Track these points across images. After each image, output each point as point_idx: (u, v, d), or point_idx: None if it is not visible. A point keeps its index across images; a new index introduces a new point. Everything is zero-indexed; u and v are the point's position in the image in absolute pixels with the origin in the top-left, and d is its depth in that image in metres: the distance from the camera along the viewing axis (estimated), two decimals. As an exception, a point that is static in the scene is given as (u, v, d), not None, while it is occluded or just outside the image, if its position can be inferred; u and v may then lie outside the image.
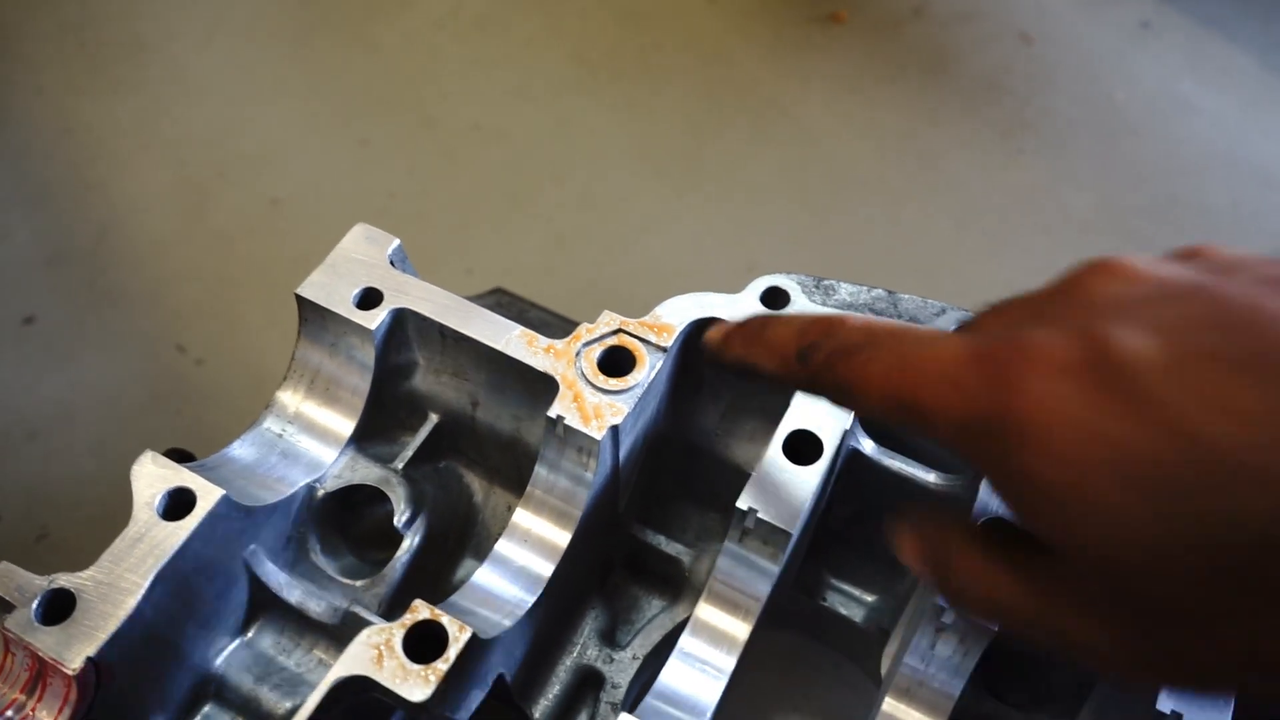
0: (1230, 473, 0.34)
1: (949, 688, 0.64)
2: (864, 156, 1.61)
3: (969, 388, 0.41)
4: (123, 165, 1.59)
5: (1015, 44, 1.75)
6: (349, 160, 1.61)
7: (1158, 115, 1.65)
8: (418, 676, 0.57)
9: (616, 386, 0.68)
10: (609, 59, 1.75)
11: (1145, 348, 0.37)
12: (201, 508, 0.63)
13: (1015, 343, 0.41)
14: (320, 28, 1.79)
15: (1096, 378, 0.37)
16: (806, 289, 0.76)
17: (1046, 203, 1.56)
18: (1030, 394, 0.39)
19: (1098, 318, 0.39)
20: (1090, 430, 0.37)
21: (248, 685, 0.71)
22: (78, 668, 0.57)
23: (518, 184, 1.58)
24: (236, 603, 0.71)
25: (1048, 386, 0.38)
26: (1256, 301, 0.37)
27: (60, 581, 0.60)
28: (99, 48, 1.75)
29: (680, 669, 0.68)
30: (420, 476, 0.78)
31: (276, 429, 0.76)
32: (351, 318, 0.72)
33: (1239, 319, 0.36)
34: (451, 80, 1.71)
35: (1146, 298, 0.39)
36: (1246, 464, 0.34)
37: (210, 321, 1.41)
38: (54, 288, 1.44)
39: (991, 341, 0.42)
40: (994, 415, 0.40)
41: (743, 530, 0.67)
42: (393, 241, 0.76)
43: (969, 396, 0.41)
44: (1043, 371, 0.39)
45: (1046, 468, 0.38)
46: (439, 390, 0.79)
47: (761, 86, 1.70)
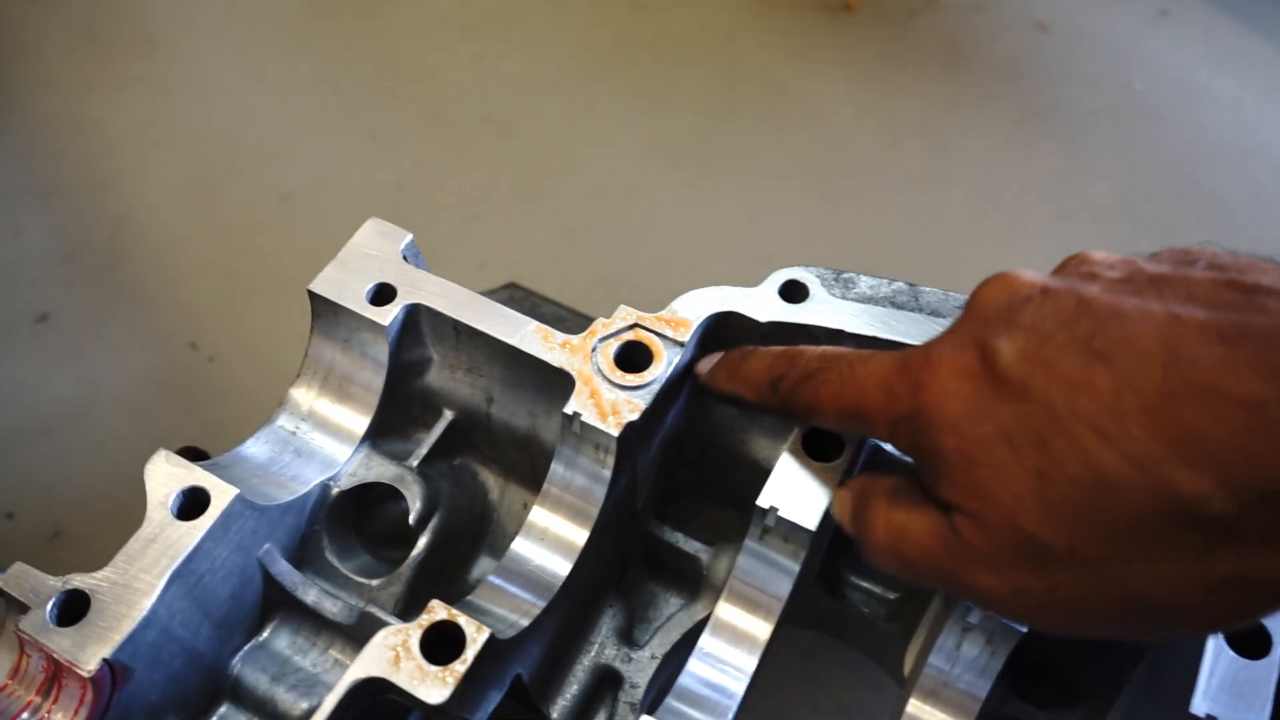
0: (1077, 431, 0.44)
1: (975, 689, 0.63)
2: (878, 145, 1.60)
3: (895, 391, 0.53)
4: (134, 161, 1.59)
5: (1031, 32, 1.73)
6: (359, 154, 1.60)
7: (1176, 103, 1.63)
8: (435, 678, 0.56)
9: (633, 382, 0.67)
10: (619, 49, 1.73)
11: (1013, 344, 0.47)
12: (216, 507, 0.62)
13: (926, 354, 0.52)
14: (329, 22, 1.79)
15: (979, 373, 0.49)
16: (826, 282, 0.74)
17: (1063, 190, 1.54)
18: (934, 390, 0.50)
19: (984, 326, 0.49)
20: (975, 409, 0.48)
21: (263, 685, 0.70)
22: (93, 669, 0.57)
23: (528, 176, 1.57)
24: (251, 603, 0.70)
25: (946, 384, 0.50)
26: (1106, 299, 0.46)
27: (75, 582, 0.59)
28: (110, 44, 1.74)
29: (701, 669, 0.67)
30: (435, 474, 0.78)
31: (290, 427, 0.75)
32: (364, 314, 0.71)
33: (1092, 315, 0.46)
34: (460, 72, 1.70)
35: (1025, 302, 0.49)
36: (1088, 423, 0.44)
37: (222, 317, 1.40)
38: (68, 284, 1.44)
39: (911, 354, 0.53)
40: (912, 410, 0.51)
41: (763, 528, 0.66)
42: (405, 236, 0.75)
43: (894, 398, 0.53)
44: (944, 373, 0.50)
45: (946, 439, 0.49)
46: (453, 386, 0.78)
47: (774, 75, 1.69)
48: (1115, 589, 0.45)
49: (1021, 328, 0.47)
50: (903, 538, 0.54)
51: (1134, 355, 0.43)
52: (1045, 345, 0.46)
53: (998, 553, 0.48)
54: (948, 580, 0.52)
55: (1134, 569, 0.44)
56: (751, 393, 0.64)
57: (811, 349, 0.61)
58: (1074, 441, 0.44)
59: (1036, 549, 0.46)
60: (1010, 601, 0.49)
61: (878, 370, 0.55)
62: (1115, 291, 0.47)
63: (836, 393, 0.57)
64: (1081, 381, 0.44)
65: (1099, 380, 0.44)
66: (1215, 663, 0.57)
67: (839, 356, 0.59)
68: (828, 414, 0.58)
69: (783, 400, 0.61)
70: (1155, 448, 0.42)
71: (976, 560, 0.49)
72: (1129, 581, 0.45)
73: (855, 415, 0.56)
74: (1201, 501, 0.41)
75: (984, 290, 0.51)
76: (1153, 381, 0.42)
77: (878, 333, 0.70)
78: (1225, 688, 0.56)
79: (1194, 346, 0.42)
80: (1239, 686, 0.56)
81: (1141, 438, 0.42)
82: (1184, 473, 0.41)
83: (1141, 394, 0.42)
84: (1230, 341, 0.41)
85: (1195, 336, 0.42)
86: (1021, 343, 0.47)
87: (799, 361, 0.61)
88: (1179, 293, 0.45)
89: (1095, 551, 0.45)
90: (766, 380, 0.62)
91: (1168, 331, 0.43)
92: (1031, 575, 0.47)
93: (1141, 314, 0.44)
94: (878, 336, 0.70)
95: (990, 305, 0.50)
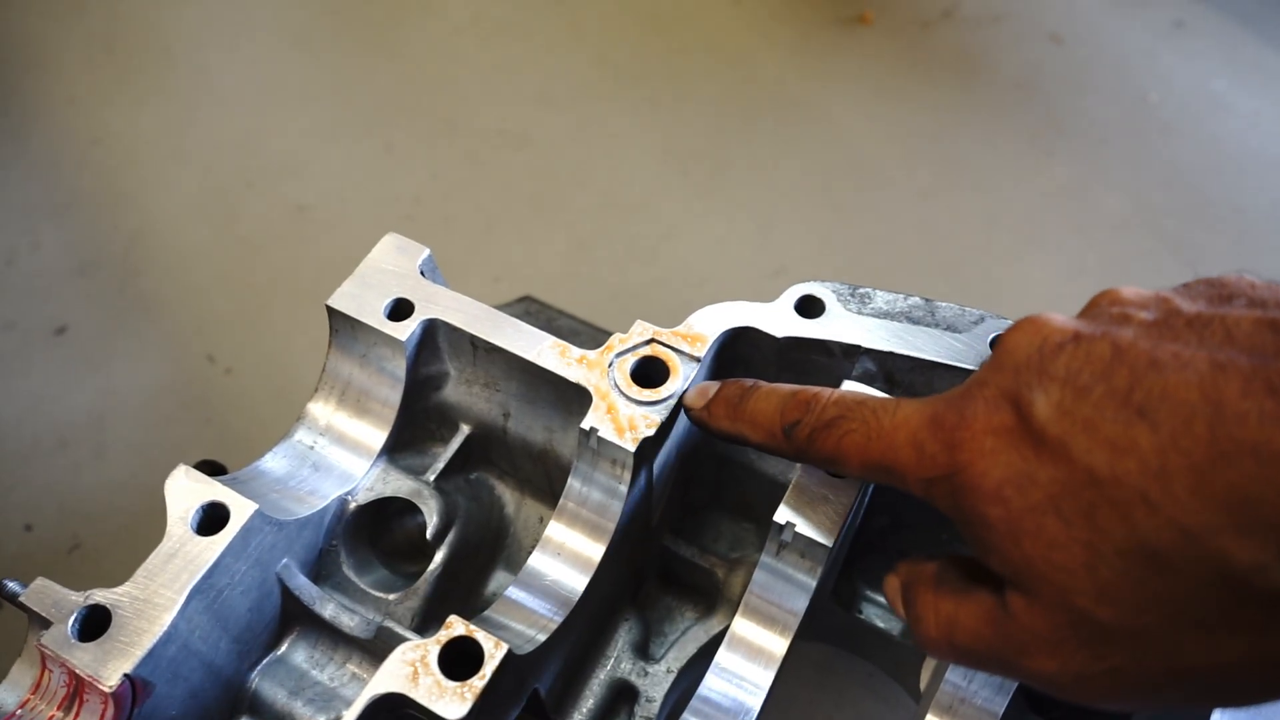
0: (1124, 498, 0.41)
1: (992, 705, 0.63)
2: (892, 158, 1.60)
3: (928, 451, 0.50)
4: (152, 174, 1.60)
5: (1045, 44, 1.72)
6: (374, 166, 1.61)
7: (1191, 115, 1.63)
8: (454, 694, 0.56)
9: (650, 397, 0.68)
10: (632, 62, 1.74)
11: (1049, 398, 0.45)
12: (235, 522, 0.63)
13: (958, 408, 0.49)
14: (344, 35, 1.80)
15: (1018, 432, 0.46)
16: (842, 297, 0.75)
17: (1078, 203, 1.54)
18: (971, 451, 0.47)
19: (1015, 376, 0.47)
20: (1019, 475, 0.45)
21: (281, 700, 0.70)
22: (114, 684, 0.57)
23: (542, 189, 1.58)
24: (270, 617, 0.70)
25: (984, 444, 0.47)
26: (1143, 346, 0.43)
27: (96, 598, 0.60)
28: (128, 58, 1.76)
29: (717, 683, 0.67)
30: (452, 488, 0.78)
31: (308, 441, 0.75)
32: (382, 329, 0.72)
33: (1129, 365, 0.43)
34: (474, 86, 1.71)
35: (1057, 350, 0.46)
36: (1134, 490, 0.41)
37: (239, 330, 1.41)
38: (85, 297, 1.45)
39: (943, 408, 0.50)
40: (948, 471, 0.48)
41: (780, 544, 0.66)
42: (423, 252, 0.76)
43: (927, 457, 0.50)
44: (978, 432, 0.47)
45: (990, 508, 0.46)
46: (470, 401, 0.78)
47: (787, 88, 1.69)
48: (1176, 668, 0.42)
49: (1056, 380, 0.45)
50: (954, 627, 0.50)
51: (1176, 411, 0.40)
52: (1082, 400, 0.43)
53: (1055, 634, 0.45)
54: (1004, 666, 0.49)
55: (1194, 647, 0.41)
56: (761, 436, 0.61)
57: (826, 392, 0.58)
58: (1120, 510, 0.41)
59: (1093, 629, 0.43)
60: (1071, 686, 0.46)
61: (906, 424, 0.52)
62: (1151, 337, 0.44)
63: (862, 445, 0.54)
64: (1123, 442, 0.41)
65: (1141, 440, 0.41)
66: (1236, 682, 0.57)
67: (859, 403, 0.55)
68: (852, 467, 0.55)
69: (799, 449, 0.58)
70: (1206, 515, 0.39)
71: (1032, 643, 0.46)
72: (1189, 659, 0.42)
73: (884, 470, 0.53)
74: (1259, 573, 0.38)
75: (1012, 337, 0.49)
76: (1199, 441, 0.39)
77: (894, 348, 0.70)
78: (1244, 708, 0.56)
79: (1240, 400, 0.39)
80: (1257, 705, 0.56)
81: (1191, 504, 0.39)
82: (1239, 542, 0.38)
83: (1188, 455, 0.39)
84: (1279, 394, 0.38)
85: (1241, 388, 0.39)
86: (1058, 397, 0.44)
87: (814, 407, 0.58)
88: (1218, 336, 0.42)
89: (1154, 630, 0.42)
90: (779, 425, 0.59)
91: (1210, 383, 0.40)
92: (1091, 657, 0.44)
93: (1180, 363, 0.41)
94: (894, 352, 0.70)
95: (1020, 353, 0.47)
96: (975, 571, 0.51)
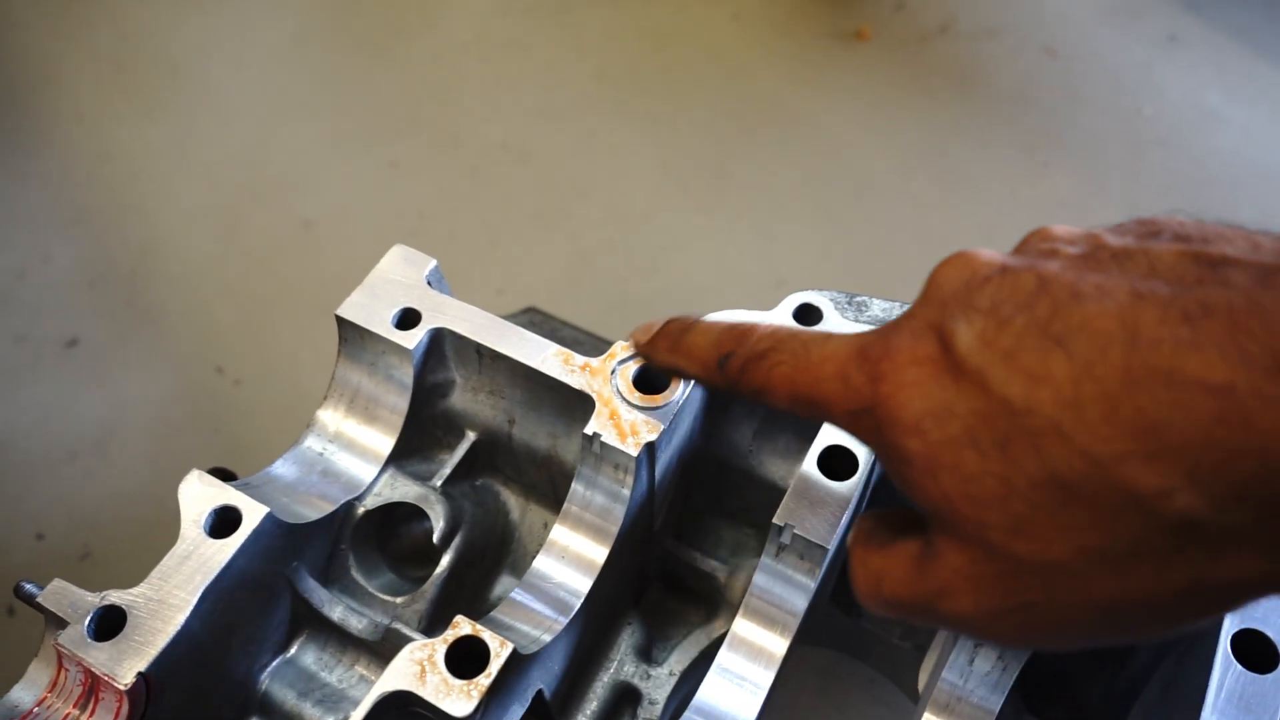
0: (1037, 428, 0.40)
1: (988, 703, 0.64)
2: (890, 171, 1.62)
3: (852, 381, 0.49)
4: (160, 189, 1.62)
5: (1041, 58, 1.75)
6: (379, 181, 1.63)
7: (1186, 127, 1.65)
8: (460, 692, 0.57)
9: (652, 403, 0.69)
10: (633, 77, 1.76)
11: (971, 329, 0.44)
12: (247, 525, 0.64)
13: (883, 339, 0.48)
14: (349, 52, 1.82)
15: (940, 363, 0.45)
16: (839, 305, 0.76)
17: (1074, 215, 1.55)
18: (892, 383, 0.46)
19: (941, 309, 0.46)
20: (938, 406, 0.44)
21: (291, 701, 0.72)
22: (129, 683, 0.58)
23: (545, 202, 1.60)
24: (279, 619, 0.72)
25: (903, 374, 0.46)
26: (1067, 277, 0.42)
27: (111, 598, 0.61)
28: (136, 75, 1.78)
29: (718, 684, 0.68)
30: (458, 494, 0.79)
31: (318, 447, 0.77)
32: (390, 337, 0.73)
33: (1051, 295, 0.42)
34: (477, 101, 1.74)
35: (984, 282, 0.45)
36: (1047, 420, 0.40)
37: (247, 342, 1.43)
38: (96, 310, 1.47)
39: (869, 339, 0.49)
40: (871, 403, 0.47)
41: (779, 546, 0.68)
42: (429, 262, 0.78)
43: (852, 389, 0.49)
44: (901, 363, 0.46)
45: (909, 440, 0.45)
46: (476, 408, 0.80)
47: (786, 102, 1.71)
48: (1089, 601, 0.42)
49: (980, 310, 0.44)
50: (881, 579, 0.50)
51: (1093, 339, 0.40)
52: (1003, 330, 0.42)
53: (971, 571, 0.44)
54: (927, 612, 0.48)
55: (1103, 579, 0.41)
56: (696, 368, 0.61)
57: (762, 325, 0.57)
58: (1034, 441, 0.40)
59: (1007, 564, 0.43)
60: (986, 626, 0.46)
61: (834, 356, 0.50)
62: (1076, 268, 0.43)
63: (790, 376, 0.53)
64: (1039, 372, 0.41)
65: (1057, 369, 0.40)
66: (1224, 677, 0.58)
67: (792, 336, 0.54)
68: (780, 398, 0.54)
69: (731, 380, 0.57)
70: (1115, 443, 0.38)
71: (951, 583, 0.46)
72: (1103, 592, 0.41)
73: (810, 402, 0.52)
74: (1166, 498, 0.37)
75: (941, 271, 0.48)
76: (1113, 369, 0.39)
77: (890, 355, 0.72)
78: (1234, 701, 0.57)
79: (1156, 327, 0.38)
80: (1247, 700, 0.57)
81: (1101, 432, 0.39)
82: (1146, 467, 0.38)
83: (1101, 382, 0.39)
84: (1194, 321, 0.38)
85: (1158, 316, 0.39)
86: (980, 327, 0.43)
87: (748, 339, 0.56)
88: (1141, 267, 0.42)
89: (1065, 563, 0.41)
90: (714, 357, 0.59)
91: (1129, 312, 0.39)
92: (1004, 593, 0.44)
93: (1101, 293, 0.41)
94: (890, 358, 0.71)
95: (948, 286, 0.47)
96: (907, 522, 0.51)
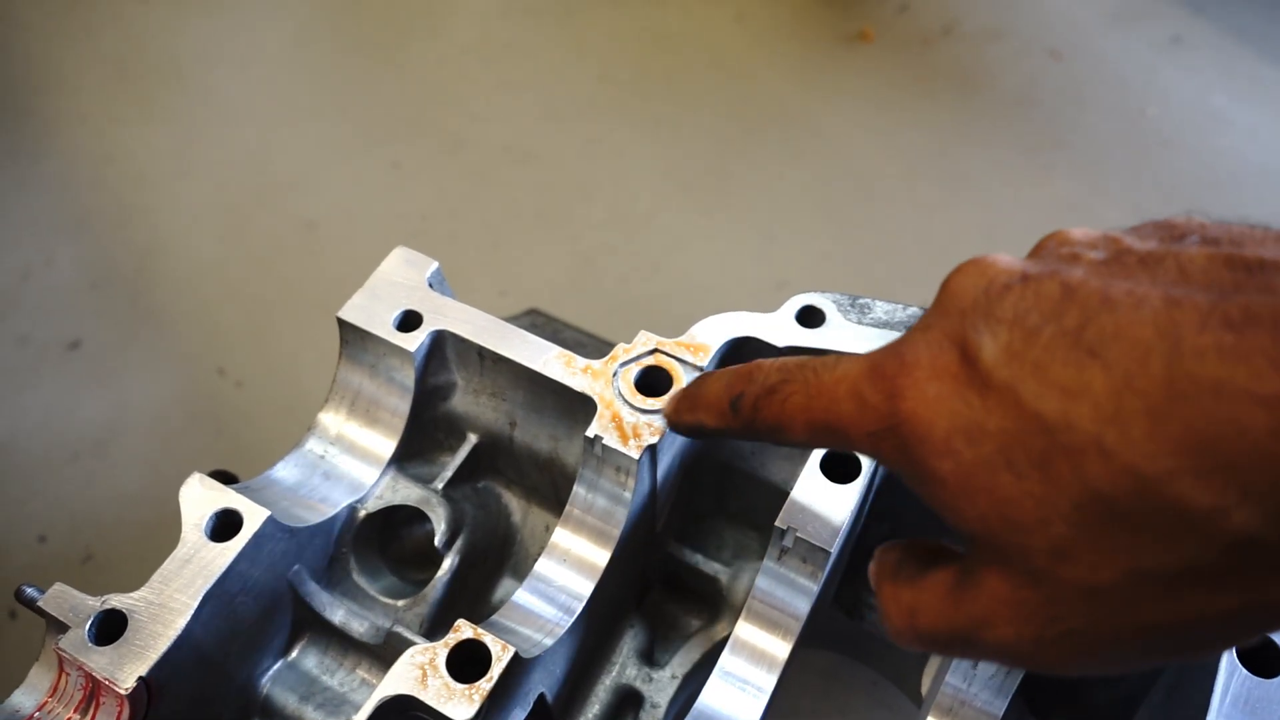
0: (1077, 446, 0.38)
1: (992, 707, 0.64)
2: (893, 173, 1.62)
3: (869, 401, 0.46)
4: (163, 191, 1.62)
5: (1045, 60, 1.74)
6: (382, 183, 1.63)
7: (1190, 129, 1.64)
8: (462, 695, 0.57)
9: (654, 406, 0.69)
10: (636, 79, 1.76)
11: (996, 341, 0.41)
12: (248, 529, 0.64)
13: (899, 354, 0.45)
14: (352, 54, 1.82)
15: (962, 375, 0.42)
16: (842, 307, 0.76)
17: (1078, 217, 1.55)
18: (913, 399, 0.43)
19: (961, 318, 0.43)
20: (968, 424, 0.41)
21: (292, 704, 0.72)
22: (130, 687, 0.58)
23: (547, 204, 1.60)
24: (281, 623, 0.72)
25: (924, 390, 0.43)
26: (1094, 284, 0.40)
27: (112, 602, 0.61)
28: (139, 78, 1.79)
29: (721, 688, 0.68)
30: (460, 496, 0.79)
31: (319, 450, 0.77)
32: (392, 340, 0.73)
33: (1079, 304, 0.40)
34: (481, 103, 1.74)
35: (1004, 290, 0.42)
36: (1087, 436, 0.37)
37: (249, 344, 1.43)
38: (98, 312, 1.47)
39: (883, 356, 0.46)
40: (891, 422, 0.44)
41: (781, 549, 0.68)
42: (431, 264, 0.78)
43: (870, 408, 0.46)
44: (919, 376, 0.43)
45: (941, 462, 0.42)
46: (477, 411, 0.79)
47: (789, 104, 1.71)
48: (1138, 625, 0.39)
49: (1004, 321, 0.41)
50: (915, 614, 0.47)
51: (1131, 349, 0.37)
52: (1031, 341, 0.40)
53: (1013, 598, 0.42)
54: (967, 644, 0.45)
55: (1152, 602, 0.38)
56: (713, 418, 0.57)
57: (770, 360, 0.54)
58: (1073, 460, 0.38)
59: (1050, 590, 0.40)
60: (1029, 654, 0.43)
61: (846, 377, 0.48)
62: (1102, 275, 0.41)
63: (804, 406, 0.50)
64: (1075, 385, 0.38)
65: (1094, 383, 0.38)
66: (1229, 682, 0.58)
67: (800, 365, 0.52)
68: (798, 431, 0.51)
69: (746, 421, 0.54)
70: (1163, 460, 0.36)
71: (991, 613, 0.43)
72: (1152, 616, 0.39)
73: (828, 430, 0.49)
74: (1221, 517, 0.35)
75: (956, 279, 0.45)
76: (1155, 380, 0.36)
77: (893, 357, 0.71)
78: (1239, 706, 0.57)
79: (1198, 336, 0.36)
80: (1253, 705, 0.57)
81: (1147, 449, 0.36)
82: (1198, 486, 0.35)
83: (1144, 396, 0.36)
84: (1239, 328, 0.35)
85: (1198, 325, 0.36)
86: (1006, 339, 0.41)
87: (756, 377, 0.54)
88: (1171, 273, 0.39)
89: (1112, 587, 0.39)
90: (726, 402, 0.56)
91: (1166, 320, 0.37)
92: (1047, 621, 0.41)
93: (1134, 300, 0.38)
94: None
95: (965, 295, 0.44)
96: (937, 552, 0.48)
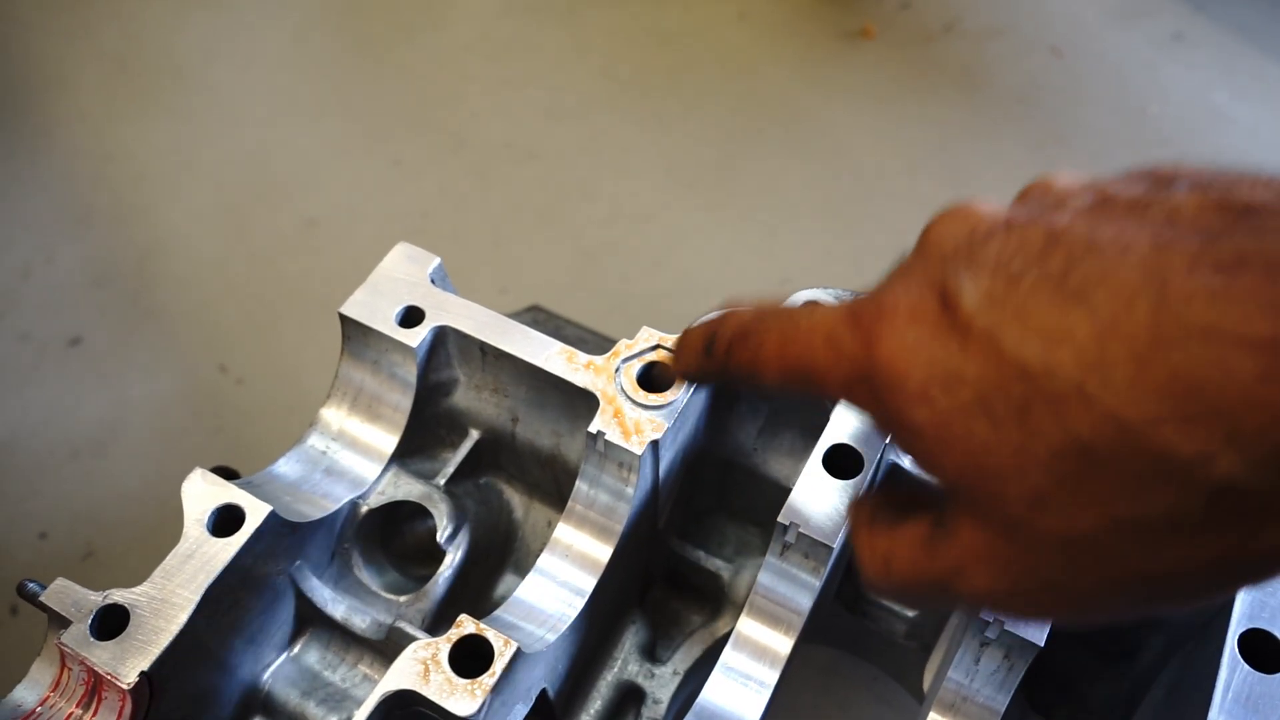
0: (1058, 393, 0.37)
1: (994, 703, 0.64)
2: (895, 169, 1.61)
3: (845, 346, 0.45)
4: (164, 189, 1.62)
5: (1046, 58, 1.74)
6: (383, 180, 1.63)
7: (1191, 127, 1.64)
8: (464, 691, 0.57)
9: (656, 402, 0.69)
10: (638, 76, 1.76)
11: (977, 287, 0.40)
12: (250, 524, 0.64)
13: (876, 299, 0.44)
14: (353, 52, 1.82)
15: (942, 321, 0.41)
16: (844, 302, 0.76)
17: (1080, 215, 1.55)
18: (889, 344, 0.42)
19: (942, 265, 0.42)
20: (945, 372, 0.40)
21: (294, 700, 0.72)
22: (132, 682, 0.58)
23: (549, 201, 1.60)
24: (283, 618, 0.72)
25: (902, 336, 0.42)
26: (1079, 229, 0.39)
27: (114, 597, 0.61)
28: (140, 76, 1.78)
29: (723, 683, 0.68)
30: (462, 492, 0.79)
31: (320, 446, 0.77)
32: (394, 335, 0.73)
33: (1064, 248, 0.39)
34: (482, 100, 1.74)
35: (987, 237, 0.42)
36: (1068, 383, 0.36)
37: (250, 341, 1.43)
38: (99, 309, 1.47)
39: (859, 302, 0.45)
40: (866, 367, 0.44)
41: (784, 545, 0.68)
42: (433, 260, 0.78)
43: (845, 354, 0.45)
44: (897, 323, 0.42)
45: (916, 410, 0.41)
46: (479, 407, 0.79)
47: (791, 101, 1.71)
48: (1116, 575, 0.39)
49: (985, 267, 0.40)
50: (890, 561, 0.47)
51: (1116, 293, 0.36)
52: (1013, 287, 0.39)
53: (989, 547, 0.41)
54: (942, 592, 0.45)
55: (1135, 551, 0.38)
56: (694, 363, 0.57)
57: (748, 306, 0.54)
58: (1054, 407, 0.37)
59: (1029, 540, 0.40)
60: (1006, 603, 0.43)
61: (823, 322, 0.47)
62: (1088, 220, 0.40)
63: (778, 349, 0.50)
64: (1058, 331, 0.37)
65: (1078, 328, 0.37)
66: (1231, 677, 0.58)
67: (777, 309, 0.51)
68: (771, 374, 0.51)
69: (720, 364, 0.54)
70: (1147, 406, 0.35)
71: (967, 561, 0.43)
72: (1131, 566, 0.38)
73: (802, 374, 0.48)
74: (1205, 464, 0.34)
75: (938, 225, 0.45)
76: (1141, 325, 0.35)
77: (895, 353, 0.71)
78: (1240, 701, 0.57)
79: (1186, 280, 0.35)
80: (1255, 700, 0.57)
81: (1130, 395, 0.35)
82: (1183, 432, 0.34)
83: (1128, 340, 0.35)
84: (1229, 272, 0.34)
85: (1186, 268, 0.35)
86: (987, 285, 0.40)
87: (731, 319, 0.54)
88: (1159, 218, 0.38)
89: (1091, 537, 0.38)
90: (702, 345, 0.56)
91: (1153, 264, 0.36)
92: (1026, 570, 0.41)
93: (1121, 244, 0.37)
94: (895, 357, 0.71)
95: (947, 242, 0.43)
96: (914, 500, 0.48)
